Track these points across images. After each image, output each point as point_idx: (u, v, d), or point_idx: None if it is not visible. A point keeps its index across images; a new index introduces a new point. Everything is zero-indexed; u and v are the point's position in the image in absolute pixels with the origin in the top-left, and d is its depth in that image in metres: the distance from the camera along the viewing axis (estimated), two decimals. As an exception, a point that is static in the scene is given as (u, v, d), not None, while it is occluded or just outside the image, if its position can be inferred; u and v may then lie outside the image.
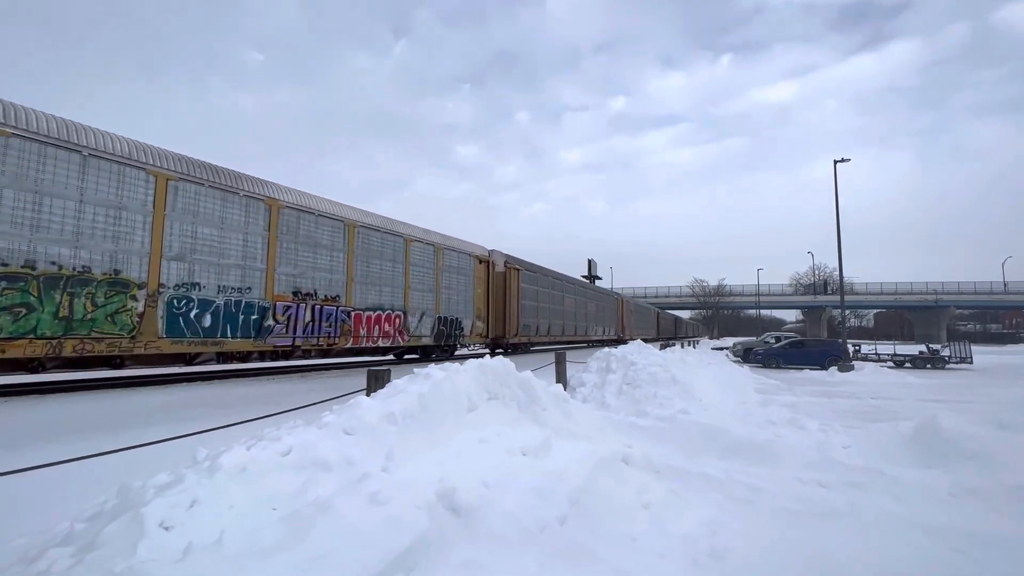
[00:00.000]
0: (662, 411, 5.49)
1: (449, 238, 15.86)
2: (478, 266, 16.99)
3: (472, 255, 16.68)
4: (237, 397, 7.49)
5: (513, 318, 18.45)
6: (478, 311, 16.68)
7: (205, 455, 2.75)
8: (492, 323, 17.53)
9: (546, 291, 22.13)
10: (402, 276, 13.41)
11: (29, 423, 5.55)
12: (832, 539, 2.94)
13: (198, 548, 1.86)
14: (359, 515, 2.12)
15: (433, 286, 14.57)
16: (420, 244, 14.26)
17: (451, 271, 15.43)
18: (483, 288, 17.08)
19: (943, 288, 67.31)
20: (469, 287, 16.30)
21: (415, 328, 13.65)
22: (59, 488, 3.29)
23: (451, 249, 15.65)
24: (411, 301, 13.56)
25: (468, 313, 16.10)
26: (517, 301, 18.85)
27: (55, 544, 2.20)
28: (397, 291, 13.18)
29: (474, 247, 17.18)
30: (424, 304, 14.08)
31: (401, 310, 13.22)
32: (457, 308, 15.49)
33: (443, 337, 14.81)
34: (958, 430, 4.34)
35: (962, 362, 20.20)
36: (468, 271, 16.33)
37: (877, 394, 10.96)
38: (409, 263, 13.62)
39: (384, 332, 12.66)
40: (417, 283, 13.90)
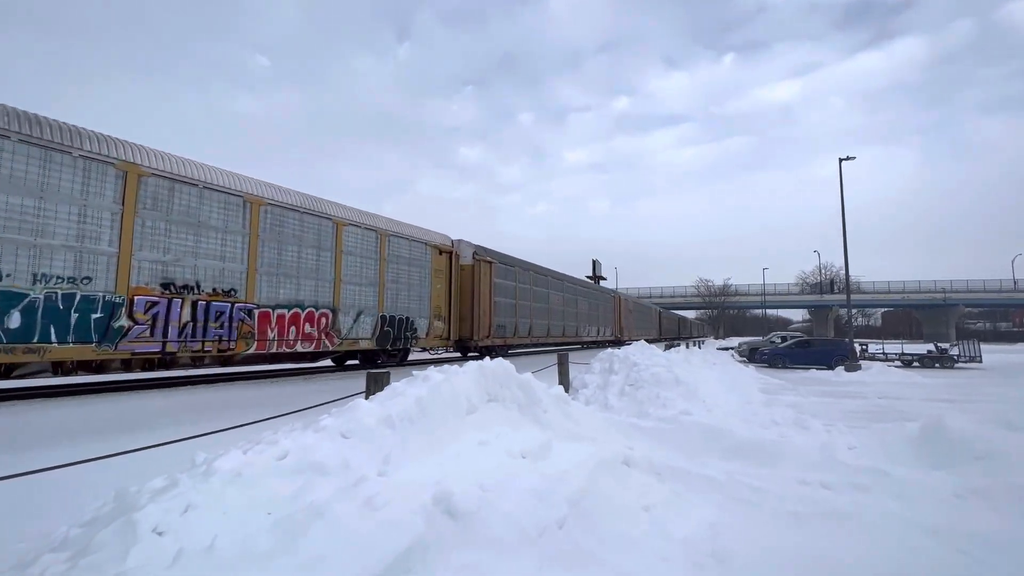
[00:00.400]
0: (665, 412, 5.45)
1: (399, 223, 13.52)
2: (438, 257, 14.59)
3: (430, 244, 14.27)
4: (238, 400, 7.51)
5: (484, 317, 16.11)
6: (437, 309, 14.38)
7: (203, 459, 2.75)
8: (456, 323, 15.27)
9: (526, 287, 19.95)
10: (331, 267, 11.06)
11: (34, 427, 5.58)
12: (836, 541, 2.89)
13: (189, 554, 1.85)
14: (354, 519, 2.10)
15: (375, 279, 12.23)
16: (357, 229, 11.83)
17: (400, 262, 13.09)
18: (444, 283, 14.79)
19: (952, 286, 66.68)
20: (425, 281, 13.94)
21: (349, 329, 11.39)
22: (64, 492, 3.30)
23: (400, 236, 13.20)
24: (343, 297, 11.31)
25: (423, 312, 13.79)
26: (489, 298, 16.50)
27: (50, 549, 2.19)
28: (324, 285, 10.87)
29: (433, 235, 14.75)
30: (362, 301, 11.84)
31: (328, 308, 10.90)
32: (409, 306, 13.22)
33: (389, 340, 12.55)
34: (965, 431, 4.27)
35: (971, 361, 19.98)
36: (424, 263, 13.97)
37: (884, 394, 10.85)
38: (341, 251, 11.33)
39: (304, 335, 10.33)
40: (353, 276, 11.64)
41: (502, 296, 17.63)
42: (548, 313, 22.05)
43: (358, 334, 11.75)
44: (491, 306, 16.70)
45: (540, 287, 21.43)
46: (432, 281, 14.31)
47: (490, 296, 16.63)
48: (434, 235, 14.86)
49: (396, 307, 12.92)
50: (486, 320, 16.29)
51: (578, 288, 26.87)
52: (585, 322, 27.14)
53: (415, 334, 13.50)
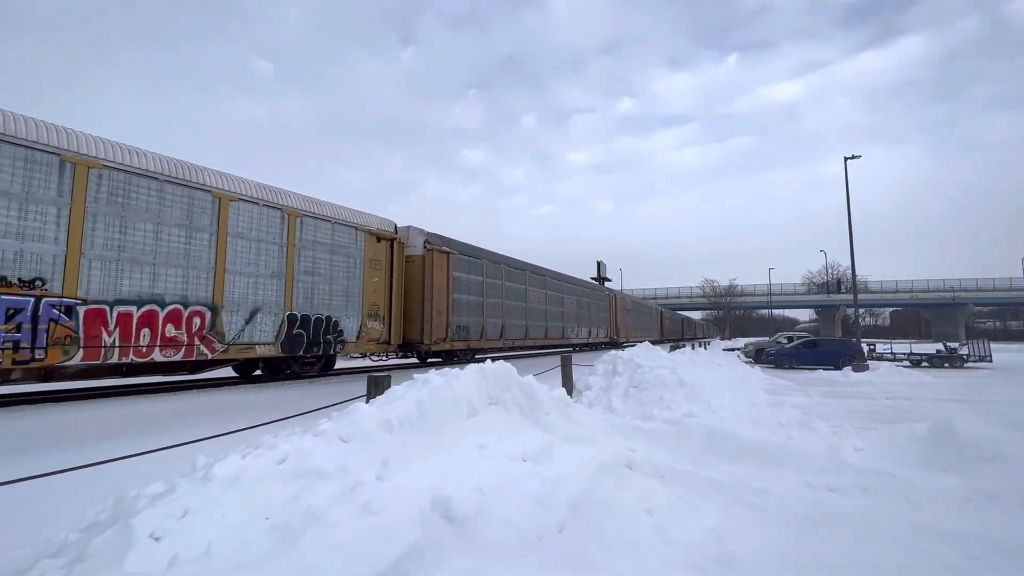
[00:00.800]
0: (668, 414, 5.40)
1: (319, 202, 11.26)
2: (374, 245, 12.32)
3: (362, 229, 11.98)
4: (241, 404, 7.52)
5: (439, 317, 13.80)
6: (373, 307, 12.10)
7: (202, 463, 2.74)
8: (398, 324, 12.93)
9: (496, 283, 17.42)
10: (210, 252, 8.82)
11: (33, 432, 5.60)
12: (842, 545, 2.84)
13: (185, 559, 1.84)
14: (350, 525, 2.08)
15: (281, 270, 10.05)
16: (252, 207, 9.57)
17: (320, 249, 10.91)
18: (383, 276, 12.49)
19: (961, 285, 66.02)
20: (356, 274, 11.73)
21: (239, 332, 9.19)
22: (63, 497, 3.30)
23: (319, 218, 10.95)
24: (230, 291, 9.09)
25: (353, 310, 11.58)
26: (447, 295, 14.22)
27: (48, 555, 2.19)
28: (198, 275, 8.61)
29: (368, 218, 12.41)
30: (259, 296, 9.61)
31: (205, 304, 8.65)
32: (331, 303, 11.08)
33: (301, 344, 10.33)
34: (975, 432, 4.20)
35: (981, 360, 19.74)
36: (354, 251, 11.74)
37: (892, 394, 10.73)
38: (226, 233, 9.09)
39: (166, 339, 8.06)
40: (246, 264, 9.40)
41: (464, 292, 15.27)
42: (526, 312, 19.53)
43: (253, 338, 9.43)
44: (449, 304, 14.26)
45: (515, 283, 18.92)
46: (366, 273, 11.99)
47: (448, 292, 14.29)
48: (370, 218, 12.44)
49: (312, 304, 10.64)
50: (442, 320, 13.96)
51: (564, 285, 24.28)
52: (573, 322, 24.83)
53: (340, 337, 11.18)
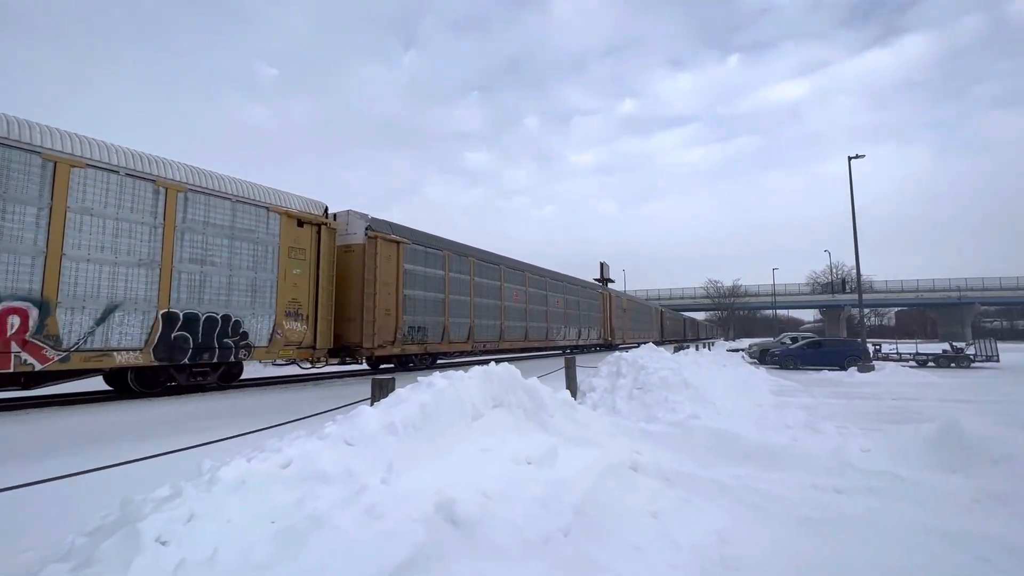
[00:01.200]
0: (673, 416, 5.38)
1: (211, 175, 9.09)
2: (294, 231, 10.34)
3: (276, 210, 9.99)
4: (246, 407, 7.54)
5: (387, 317, 11.95)
6: (293, 305, 10.17)
7: (208, 468, 2.75)
8: (330, 325, 10.96)
9: (462, 278, 15.32)
10: (37, 231, 6.97)
11: (43, 435, 5.64)
12: (849, 548, 2.82)
13: (191, 564, 1.84)
14: (355, 529, 2.08)
15: (153, 257, 8.12)
16: (107, 175, 7.69)
17: (215, 233, 8.85)
18: (307, 267, 10.57)
19: (967, 285, 65.56)
20: (267, 264, 9.75)
21: (85, 335, 7.34)
22: (71, 501, 3.33)
23: (211, 194, 8.89)
24: (69, 282, 7.23)
25: (264, 308, 9.62)
26: (396, 291, 12.32)
27: (56, 559, 2.20)
28: (16, 260, 6.79)
29: (285, 197, 10.44)
30: (119, 289, 7.72)
31: (29, 299, 6.85)
32: (230, 299, 8.99)
33: (185, 351, 8.47)
34: (983, 433, 4.17)
35: (988, 360, 19.58)
36: (264, 237, 9.74)
37: (898, 395, 10.66)
38: (65, 207, 7.22)
39: None
40: (95, 248, 7.51)
41: (421, 288, 13.48)
42: (502, 312, 17.31)
43: (110, 342, 7.58)
44: (399, 301, 12.48)
45: (488, 278, 16.81)
46: (282, 264, 10.03)
47: (398, 287, 12.54)
48: (289, 198, 10.50)
49: (201, 301, 8.67)
50: (390, 320, 12.20)
51: (549, 281, 21.92)
52: (559, 322, 22.59)
53: (244, 341, 9.21)
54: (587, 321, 26.41)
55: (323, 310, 10.92)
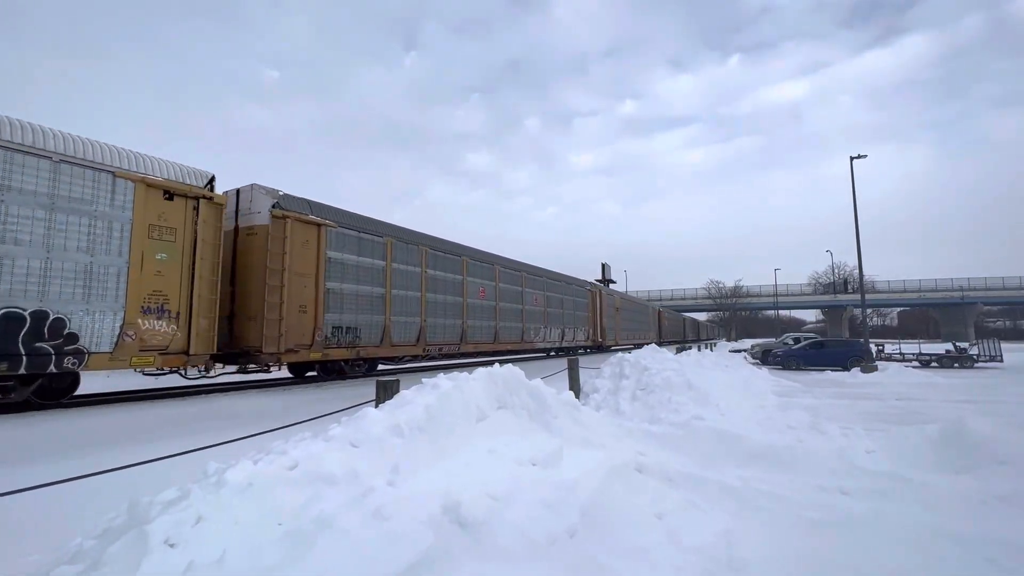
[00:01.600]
0: (677, 417, 5.38)
1: (21, 125, 7.03)
2: (159, 204, 8.26)
3: (126, 177, 7.86)
4: (251, 409, 7.55)
5: (299, 314, 9.96)
6: (155, 299, 8.10)
7: (214, 470, 2.76)
8: (213, 324, 8.79)
9: (409, 269, 13.17)
10: None
11: (52, 437, 5.66)
12: (856, 549, 2.81)
13: (200, 566, 1.85)
14: (362, 531, 2.08)
15: None
16: None
17: (21, 202, 6.87)
18: (179, 251, 8.43)
19: (970, 284, 65.39)
20: (112, 245, 7.65)
21: None
22: (79, 503, 3.33)
23: (19, 150, 6.88)
24: None
25: (108, 303, 7.54)
26: (316, 284, 10.36)
27: (64, 561, 2.21)
28: None
29: (149, 162, 8.35)
30: None
31: None
32: (46, 289, 6.99)
33: None
34: (989, 433, 4.16)
35: (992, 360, 19.54)
36: (111, 210, 7.66)
37: (902, 395, 10.63)
38: None
39: None
40: None
41: (351, 281, 11.39)
42: (463, 310, 15.21)
43: None
44: (320, 295, 10.39)
45: (445, 271, 14.71)
46: (139, 246, 7.89)
47: (318, 280, 10.44)
48: (156, 163, 8.42)
49: None
50: (306, 319, 10.10)
51: (525, 276, 19.48)
52: (538, 322, 20.13)
53: (73, 345, 7.13)
54: (573, 321, 23.99)
55: (202, 306, 8.61)
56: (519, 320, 18.84)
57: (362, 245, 11.97)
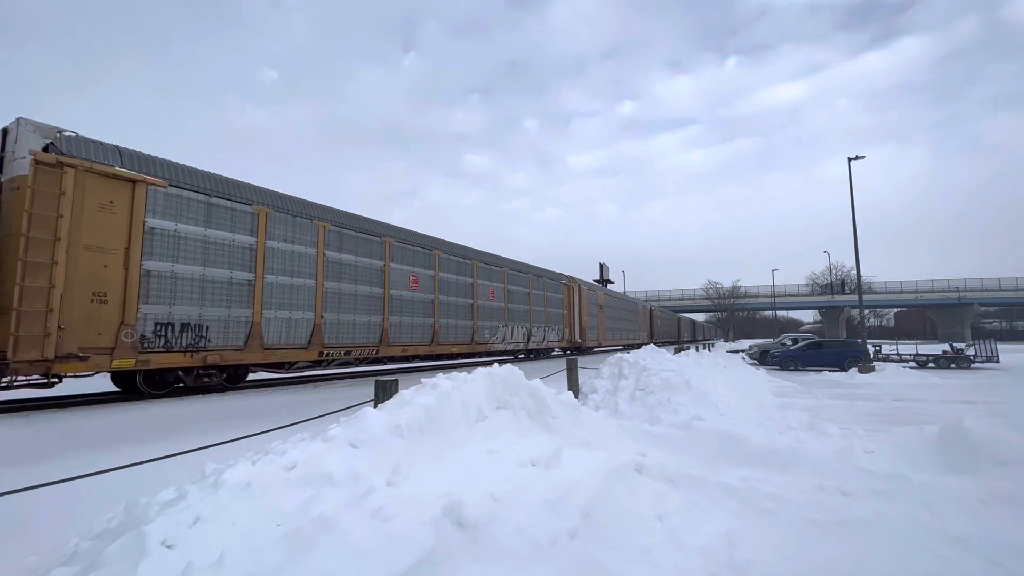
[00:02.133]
0: (676, 418, 5.37)
1: None
2: None
3: None
4: (249, 409, 7.52)
5: (89, 308, 7.42)
6: None
7: (212, 470, 2.74)
8: None
9: (298, 251, 10.68)
10: None
11: (48, 437, 5.62)
12: (857, 550, 2.81)
13: (198, 568, 1.83)
14: (363, 532, 2.07)
15: None
16: None
17: None
18: None
19: (966, 285, 65.64)
20: None
21: None
22: (76, 503, 3.31)
23: None
24: None
25: None
26: (125, 263, 7.83)
27: (60, 563, 2.18)
28: None
29: None
30: None
31: None
32: None
33: None
34: (988, 434, 4.16)
35: (988, 361, 19.60)
36: None
37: (900, 396, 10.66)
38: None
39: None
40: None
41: (195, 261, 8.78)
42: (384, 304, 12.62)
43: None
44: (130, 280, 7.87)
45: (355, 255, 12.11)
46: None
47: (129, 257, 7.91)
48: None
49: None
50: (104, 313, 7.57)
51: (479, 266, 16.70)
52: (496, 320, 17.38)
53: None
54: (543, 319, 20.99)
55: None
56: (468, 317, 16.01)
57: (214, 214, 9.17)
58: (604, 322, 29.00)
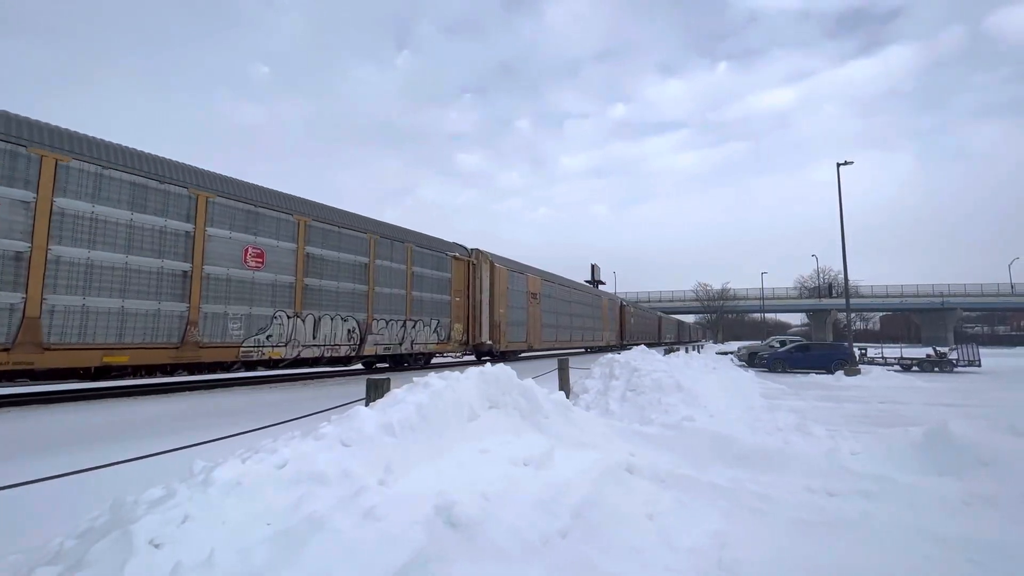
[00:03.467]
0: (667, 418, 5.41)
1: None
2: None
3: None
4: (238, 407, 7.44)
5: None
6: None
7: (201, 468, 2.70)
8: None
9: None
10: None
11: (33, 433, 5.51)
12: (844, 549, 2.85)
13: (187, 567, 1.80)
14: (354, 531, 2.05)
15: None
16: None
17: None
18: None
19: (950, 290, 66.86)
20: None
21: None
22: (61, 501, 3.25)
23: None
24: None
25: None
26: None
27: (44, 562, 2.14)
28: None
29: None
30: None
31: None
32: None
33: None
34: (971, 436, 4.23)
35: (970, 365, 19.98)
36: None
37: (885, 398, 10.82)
38: None
39: None
40: None
41: None
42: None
43: None
44: None
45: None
46: None
47: None
48: None
49: None
50: None
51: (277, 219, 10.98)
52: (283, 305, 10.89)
53: None
54: (419, 309, 14.63)
55: None
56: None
57: None
58: (540, 317, 21.71)
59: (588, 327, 28.41)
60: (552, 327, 23.24)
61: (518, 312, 19.74)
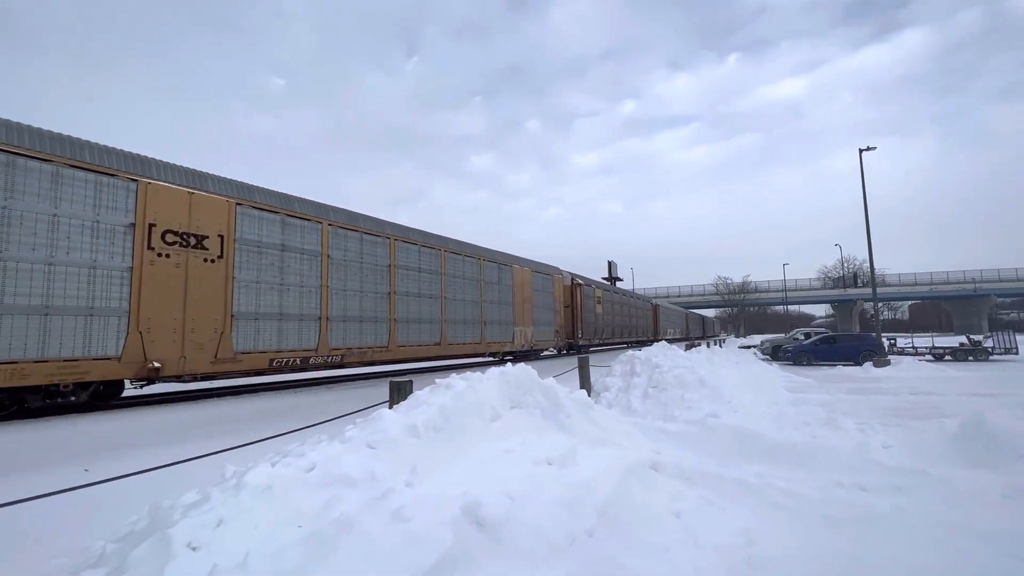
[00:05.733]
0: (691, 415, 5.35)
1: None
2: None
3: None
4: (263, 412, 7.60)
5: None
6: None
7: (232, 472, 2.77)
8: None
9: None
10: None
11: (73, 442, 5.72)
12: (877, 546, 2.78)
13: (224, 569, 1.86)
14: (383, 533, 2.09)
15: None
16: None
17: None
18: None
19: (982, 276, 64.49)
20: None
21: None
22: (101, 506, 3.36)
23: None
24: None
25: None
26: None
27: (89, 566, 2.23)
28: None
29: None
30: None
31: None
32: None
33: None
34: (1009, 427, 4.10)
35: (1007, 353, 19.26)
36: None
37: (916, 390, 10.51)
38: None
39: None
40: None
41: None
42: None
43: None
44: None
45: None
46: None
47: None
48: None
49: None
50: None
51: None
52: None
53: None
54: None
55: None
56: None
57: None
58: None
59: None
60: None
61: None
